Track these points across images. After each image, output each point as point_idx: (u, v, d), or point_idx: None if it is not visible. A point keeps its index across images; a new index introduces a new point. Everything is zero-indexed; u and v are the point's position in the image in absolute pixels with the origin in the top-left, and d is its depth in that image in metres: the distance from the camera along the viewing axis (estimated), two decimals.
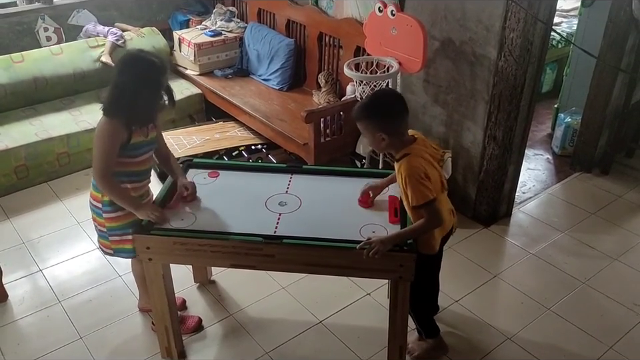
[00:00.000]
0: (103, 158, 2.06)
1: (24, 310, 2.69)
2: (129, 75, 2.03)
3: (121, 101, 2.03)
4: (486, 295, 2.79)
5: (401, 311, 2.08)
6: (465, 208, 3.29)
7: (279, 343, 2.49)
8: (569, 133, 3.93)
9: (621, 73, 3.42)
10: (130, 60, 2.08)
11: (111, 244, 2.26)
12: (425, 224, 1.96)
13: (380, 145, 1.99)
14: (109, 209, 2.17)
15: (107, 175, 2.07)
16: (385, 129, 1.94)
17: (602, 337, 2.52)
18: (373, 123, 1.96)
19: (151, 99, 2.09)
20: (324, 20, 3.79)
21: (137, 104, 2.04)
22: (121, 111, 2.04)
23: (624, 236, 3.20)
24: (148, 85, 2.05)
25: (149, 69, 2.04)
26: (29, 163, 3.57)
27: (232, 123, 4.06)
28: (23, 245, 3.14)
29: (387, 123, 1.95)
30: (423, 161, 1.98)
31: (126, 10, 4.63)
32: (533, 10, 2.68)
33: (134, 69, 2.04)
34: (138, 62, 2.05)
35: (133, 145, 2.11)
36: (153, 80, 2.06)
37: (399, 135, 1.98)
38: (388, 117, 1.96)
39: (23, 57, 3.95)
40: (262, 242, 2.01)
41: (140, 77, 2.02)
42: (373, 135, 1.97)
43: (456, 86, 3.10)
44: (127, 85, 2.02)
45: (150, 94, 2.07)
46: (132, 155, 2.14)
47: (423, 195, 1.92)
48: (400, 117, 1.99)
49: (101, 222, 2.23)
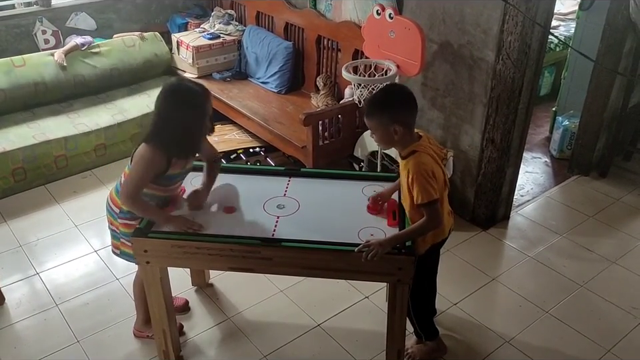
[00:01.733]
0: (136, 182, 2.05)
1: (21, 313, 2.68)
2: (176, 105, 2.00)
3: (166, 132, 2.00)
4: (484, 298, 2.79)
5: (399, 314, 2.08)
6: (463, 211, 3.29)
7: (277, 347, 2.48)
8: (567, 136, 3.94)
9: (619, 76, 3.43)
10: (174, 89, 2.04)
11: (120, 245, 2.26)
12: (424, 224, 1.96)
13: (392, 138, 1.95)
14: (125, 216, 2.17)
15: (136, 198, 2.06)
16: (399, 120, 1.92)
17: (600, 340, 2.51)
18: (387, 116, 1.93)
19: (197, 129, 2.06)
20: (322, 23, 3.80)
21: (182, 135, 2.01)
22: (166, 143, 2.01)
23: (622, 239, 3.20)
24: (194, 116, 2.02)
25: (194, 99, 2.01)
26: (26, 165, 3.57)
27: (230, 126, 4.05)
28: (20, 247, 3.13)
29: (401, 114, 1.93)
30: (431, 159, 1.97)
31: (124, 13, 4.63)
32: (531, 13, 2.69)
33: (181, 99, 2.00)
34: (183, 91, 2.02)
35: (168, 176, 2.10)
36: (199, 109, 2.03)
37: (410, 128, 1.97)
38: (402, 108, 1.95)
39: (24, 61, 3.93)
40: (260, 245, 2.00)
41: (186, 108, 2.00)
42: (385, 128, 1.94)
43: (454, 89, 3.11)
44: (172, 116, 1.99)
45: (196, 124, 2.04)
46: (164, 184, 2.14)
47: (428, 194, 1.91)
48: (412, 109, 1.98)
49: (115, 224, 2.22)
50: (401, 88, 2.12)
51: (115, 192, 2.20)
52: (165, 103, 2.02)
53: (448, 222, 2.15)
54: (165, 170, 2.07)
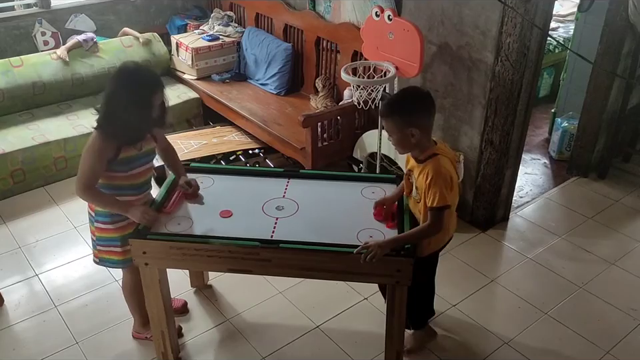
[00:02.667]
0: (87, 173, 2.03)
1: (20, 315, 2.68)
2: (121, 92, 1.97)
3: (112, 117, 1.98)
4: (483, 299, 2.79)
5: (398, 316, 2.08)
6: (463, 212, 3.29)
7: (276, 348, 2.48)
8: (566, 137, 3.94)
9: (618, 77, 3.43)
10: (124, 75, 2.02)
11: (97, 252, 2.26)
12: (426, 229, 1.96)
13: (409, 142, 1.92)
14: (99, 219, 2.17)
15: (88, 188, 2.04)
16: (417, 123, 1.89)
17: (599, 342, 2.51)
18: (404, 118, 1.89)
19: (142, 118, 2.02)
20: (321, 25, 3.80)
21: (126, 123, 1.98)
22: (111, 128, 1.99)
23: (621, 240, 3.20)
24: (139, 105, 1.98)
25: (142, 88, 1.98)
26: (25, 167, 3.57)
27: (229, 128, 4.06)
28: (19, 249, 3.13)
29: (419, 117, 1.90)
30: (450, 164, 1.96)
31: (124, 14, 4.63)
32: (530, 15, 2.69)
33: (126, 86, 1.97)
34: (131, 78, 1.99)
35: (122, 159, 2.06)
36: (144, 99, 2.00)
37: (428, 132, 1.94)
38: (420, 111, 1.92)
39: (22, 61, 3.95)
40: (259, 246, 2.01)
41: (131, 96, 1.96)
42: (402, 131, 1.91)
43: (453, 90, 3.11)
44: (118, 102, 1.97)
45: (140, 114, 2.00)
46: (121, 169, 2.09)
47: (443, 199, 1.90)
48: (430, 112, 1.95)
49: (92, 229, 2.23)
50: (419, 90, 2.07)
51: None
52: (113, 88, 1.99)
53: (453, 228, 2.15)
54: (115, 155, 2.04)
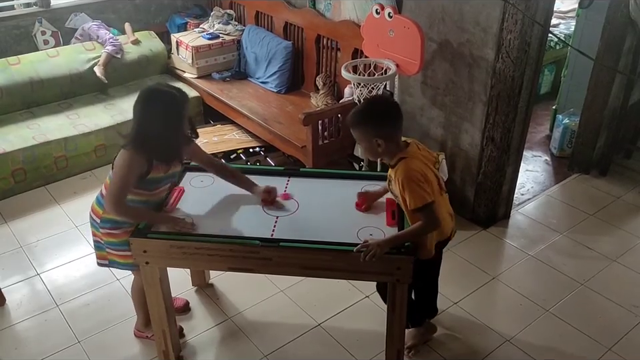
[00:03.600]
0: (119, 187, 2.04)
1: (21, 314, 2.69)
2: (151, 111, 2.02)
3: (146, 138, 2.02)
4: (485, 297, 2.78)
5: (398, 314, 2.08)
6: (464, 210, 3.29)
7: (278, 346, 2.48)
8: (567, 134, 3.93)
9: (619, 74, 3.42)
10: (150, 95, 2.05)
11: (107, 254, 2.25)
12: (423, 226, 1.95)
13: (376, 150, 1.97)
14: (106, 225, 2.16)
15: (120, 203, 2.06)
16: (382, 134, 1.93)
17: (601, 339, 2.51)
18: (370, 129, 1.95)
19: (175, 133, 2.07)
20: (321, 22, 3.79)
21: (161, 140, 2.03)
22: (145, 147, 2.02)
23: (622, 237, 3.19)
24: (171, 120, 2.03)
25: (170, 103, 2.02)
26: (26, 166, 3.57)
27: (230, 126, 4.05)
28: (21, 248, 3.13)
29: (384, 127, 1.94)
30: (420, 162, 1.97)
31: (123, 13, 4.63)
32: (530, 12, 2.68)
33: (155, 105, 2.02)
34: (158, 97, 2.03)
35: (150, 179, 2.10)
36: (175, 113, 2.04)
37: (394, 140, 1.97)
38: (385, 121, 1.95)
39: (19, 60, 3.96)
40: (259, 245, 2.00)
41: (162, 113, 2.01)
42: (369, 141, 1.96)
43: (454, 88, 3.10)
44: (150, 122, 2.01)
45: (174, 128, 2.06)
46: (147, 188, 2.13)
47: (422, 198, 1.91)
48: (396, 122, 1.98)
49: (97, 233, 2.22)
50: (384, 100, 2.13)
51: (96, 203, 2.20)
52: (141, 108, 2.03)
53: (449, 224, 2.14)
54: (147, 172, 2.06)
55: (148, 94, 2.06)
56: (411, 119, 3.40)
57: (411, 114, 3.39)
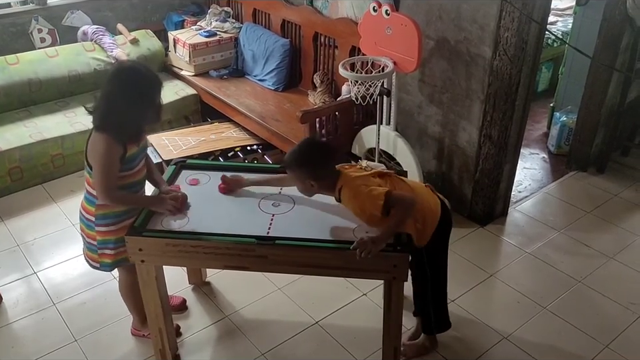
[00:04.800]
0: (104, 174, 2.02)
1: (18, 313, 2.68)
2: (122, 90, 1.98)
3: (112, 115, 1.98)
4: (482, 294, 2.78)
5: (395, 312, 2.07)
6: (461, 207, 3.29)
7: (275, 344, 2.48)
8: (565, 131, 3.93)
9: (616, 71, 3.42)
10: (124, 74, 2.02)
11: (98, 257, 2.23)
12: (402, 209, 1.96)
13: (310, 190, 2.08)
14: (102, 222, 2.15)
15: (110, 190, 2.04)
16: (314, 176, 2.02)
17: (598, 336, 2.51)
18: (303, 172, 2.04)
19: (143, 115, 2.05)
20: (319, 20, 3.78)
21: (128, 120, 2.00)
22: (112, 126, 1.99)
23: (620, 234, 3.20)
24: (141, 102, 2.01)
25: (144, 86, 2.00)
26: (23, 165, 3.56)
27: (227, 124, 4.05)
28: (18, 247, 3.12)
29: (315, 171, 2.03)
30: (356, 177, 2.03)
31: (120, 11, 4.62)
32: (527, 9, 2.68)
33: (128, 84, 1.98)
34: (132, 77, 2.00)
35: (129, 156, 2.08)
36: (147, 97, 2.02)
37: (327, 178, 2.05)
38: (317, 165, 2.04)
39: (18, 59, 3.95)
40: (255, 243, 2.00)
41: (134, 94, 1.97)
42: (302, 182, 2.06)
43: (451, 85, 3.10)
44: (119, 100, 1.97)
45: (142, 111, 2.03)
46: (130, 167, 2.11)
47: (378, 196, 1.94)
48: (328, 164, 2.07)
49: (91, 234, 2.19)
50: (316, 145, 2.24)
51: (86, 202, 2.17)
52: (112, 86, 2.00)
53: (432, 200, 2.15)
54: (124, 153, 2.05)
55: (122, 73, 2.03)
56: (408, 117, 3.39)
57: (408, 112, 3.38)
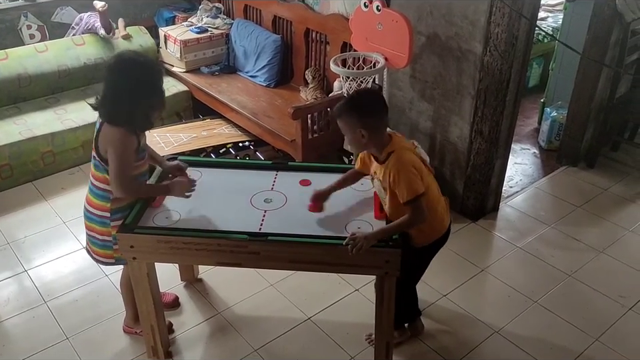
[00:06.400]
0: (123, 167, 2.01)
1: (9, 311, 2.67)
2: (126, 81, 1.97)
3: (122, 108, 1.99)
4: (473, 289, 2.80)
5: (387, 307, 2.08)
6: (453, 203, 3.28)
7: (268, 340, 2.49)
8: (555, 127, 3.96)
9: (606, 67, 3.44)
10: (124, 65, 2.01)
11: (114, 252, 2.19)
12: (410, 219, 1.95)
13: (360, 141, 1.97)
14: (117, 216, 2.12)
15: (130, 182, 2.05)
16: (366, 124, 1.94)
17: (588, 329, 2.54)
18: (354, 119, 1.95)
19: (150, 104, 2.05)
20: (310, 16, 3.78)
21: (137, 110, 2.00)
22: (124, 118, 1.99)
23: (609, 228, 3.23)
24: (147, 91, 2.01)
25: (147, 75, 2.00)
26: (13, 162, 3.54)
27: (219, 120, 4.03)
28: (8, 245, 3.10)
29: (368, 118, 1.95)
30: (410, 153, 1.98)
31: (111, 7, 4.54)
32: (517, 5, 2.68)
33: (130, 75, 1.98)
34: (134, 67, 1.99)
35: (142, 146, 2.10)
36: (152, 85, 2.02)
37: (379, 132, 1.98)
38: (369, 112, 1.96)
39: (7, 55, 3.91)
40: (247, 239, 2.00)
41: (138, 84, 1.97)
42: (353, 131, 1.96)
43: (442, 81, 3.11)
44: (125, 92, 1.97)
45: (149, 99, 2.03)
46: (142, 156, 2.13)
47: (414, 190, 1.91)
48: (380, 113, 1.99)
49: (105, 231, 2.15)
50: (369, 92, 2.16)
51: (96, 198, 2.13)
52: (117, 79, 1.99)
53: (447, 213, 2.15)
54: (138, 143, 2.06)
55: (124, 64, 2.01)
56: (400, 113, 3.40)
57: (400, 107, 3.39)
